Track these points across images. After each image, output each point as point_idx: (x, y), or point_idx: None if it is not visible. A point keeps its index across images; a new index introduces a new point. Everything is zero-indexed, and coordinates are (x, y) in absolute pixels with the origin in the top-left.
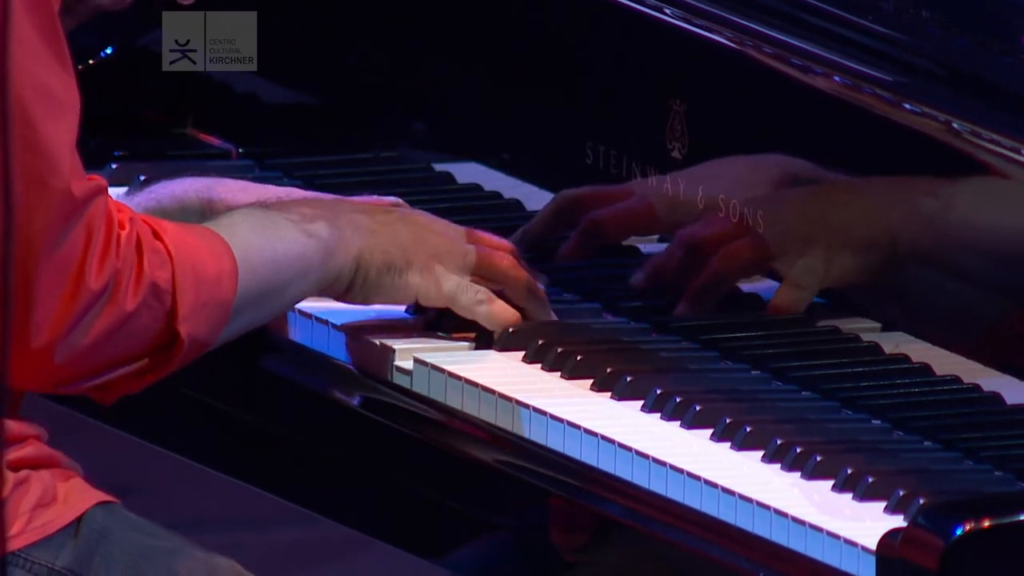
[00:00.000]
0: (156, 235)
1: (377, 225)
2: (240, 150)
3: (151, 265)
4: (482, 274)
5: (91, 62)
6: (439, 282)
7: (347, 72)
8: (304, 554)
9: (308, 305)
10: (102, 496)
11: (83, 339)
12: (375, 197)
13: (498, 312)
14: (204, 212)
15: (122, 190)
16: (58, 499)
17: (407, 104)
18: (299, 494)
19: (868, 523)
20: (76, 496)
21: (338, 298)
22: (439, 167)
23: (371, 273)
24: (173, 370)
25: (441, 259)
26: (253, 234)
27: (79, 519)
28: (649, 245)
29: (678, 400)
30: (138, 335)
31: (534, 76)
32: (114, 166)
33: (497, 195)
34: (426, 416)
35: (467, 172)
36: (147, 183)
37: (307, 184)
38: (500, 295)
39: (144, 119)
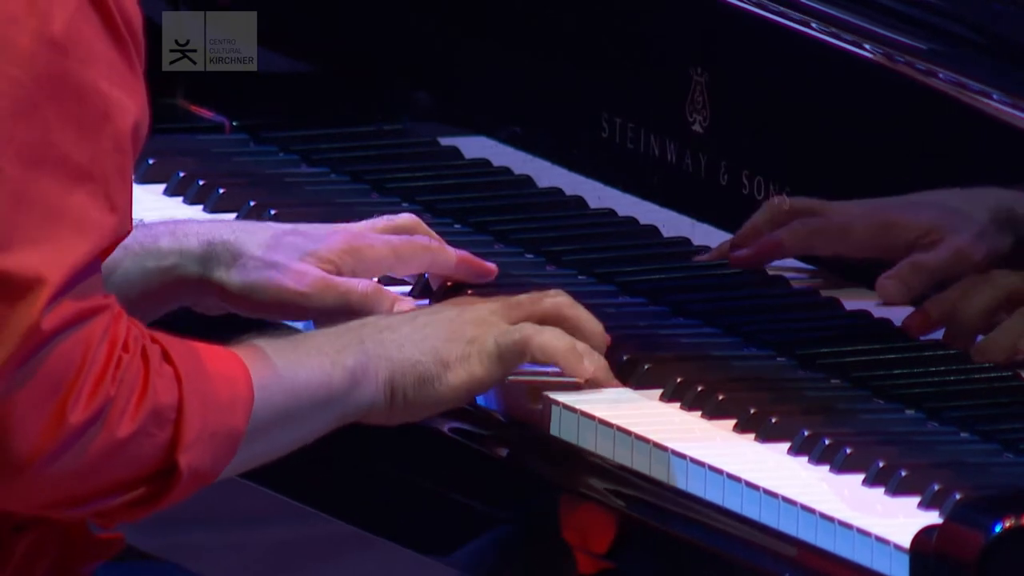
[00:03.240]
0: (166, 357)
1: (403, 337)
2: (234, 123)
3: (155, 390)
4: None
5: None
6: (480, 360)
7: (348, 40)
8: (304, 552)
9: None
10: (105, 544)
11: (70, 465)
12: (385, 218)
13: (547, 342)
14: (204, 257)
15: None
16: (62, 563)
17: (412, 74)
18: (298, 490)
19: (901, 519)
20: (78, 555)
21: (387, 422)
22: (445, 141)
23: (408, 392)
24: (172, 503)
25: (479, 341)
26: (274, 360)
27: None
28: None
29: (699, 389)
30: (133, 462)
31: (546, 44)
32: None
33: (507, 171)
34: None
35: (475, 146)
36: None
37: (304, 159)
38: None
39: None
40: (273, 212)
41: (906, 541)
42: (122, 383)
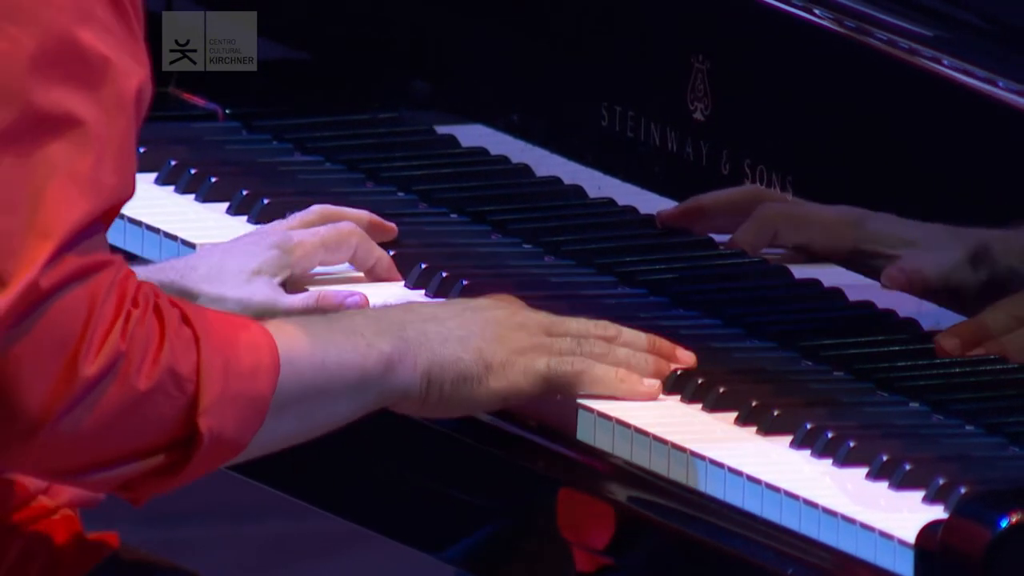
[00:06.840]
0: (185, 320)
1: (448, 332)
2: (227, 111)
3: (172, 349)
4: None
5: None
6: (527, 374)
7: (342, 26)
8: (300, 548)
9: None
10: (99, 545)
11: (84, 422)
12: (299, 215)
13: (600, 376)
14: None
15: None
16: (55, 565)
17: (408, 61)
18: (294, 486)
19: (905, 514)
20: (72, 557)
21: (418, 413)
22: (442, 129)
23: (445, 387)
24: (199, 473)
25: (525, 352)
26: (304, 335)
27: None
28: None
29: (700, 382)
30: (151, 424)
31: (545, 30)
32: None
33: (504, 160)
34: None
35: (472, 135)
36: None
37: (298, 148)
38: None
39: None
40: (266, 201)
41: (911, 536)
42: (133, 339)
